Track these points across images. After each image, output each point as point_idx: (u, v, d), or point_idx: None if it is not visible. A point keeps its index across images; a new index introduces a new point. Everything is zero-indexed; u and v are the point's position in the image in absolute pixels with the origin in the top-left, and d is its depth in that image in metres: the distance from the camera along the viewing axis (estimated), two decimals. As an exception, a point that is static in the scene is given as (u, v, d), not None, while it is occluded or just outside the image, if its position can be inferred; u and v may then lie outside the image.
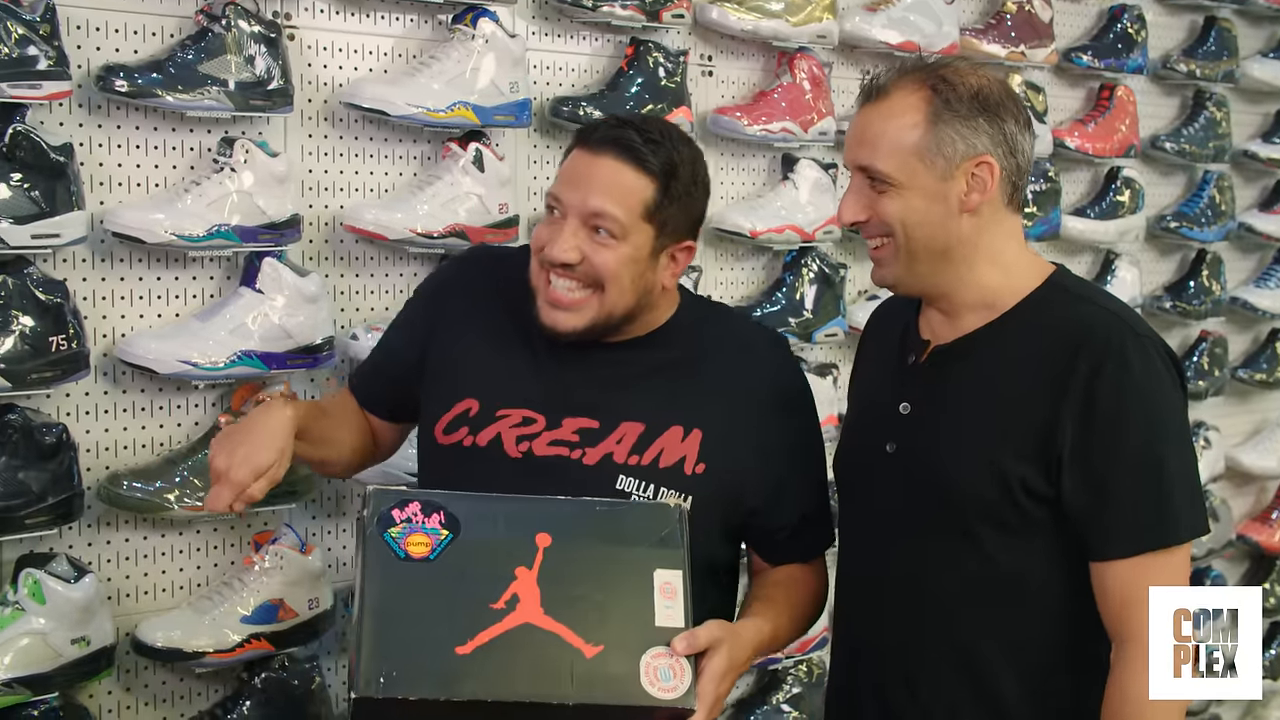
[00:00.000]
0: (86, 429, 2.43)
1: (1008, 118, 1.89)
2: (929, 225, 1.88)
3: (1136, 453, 1.80)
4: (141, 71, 2.38)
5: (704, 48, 3.24)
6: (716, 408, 2.07)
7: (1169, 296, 4.26)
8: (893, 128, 1.88)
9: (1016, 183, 1.92)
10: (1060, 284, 1.94)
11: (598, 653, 1.78)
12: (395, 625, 1.76)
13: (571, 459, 2.03)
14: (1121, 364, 1.80)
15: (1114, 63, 4.00)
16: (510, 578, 1.81)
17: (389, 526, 1.82)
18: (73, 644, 2.27)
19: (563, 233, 1.99)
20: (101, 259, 2.43)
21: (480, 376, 2.09)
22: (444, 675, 1.73)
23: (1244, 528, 4.56)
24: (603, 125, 2.06)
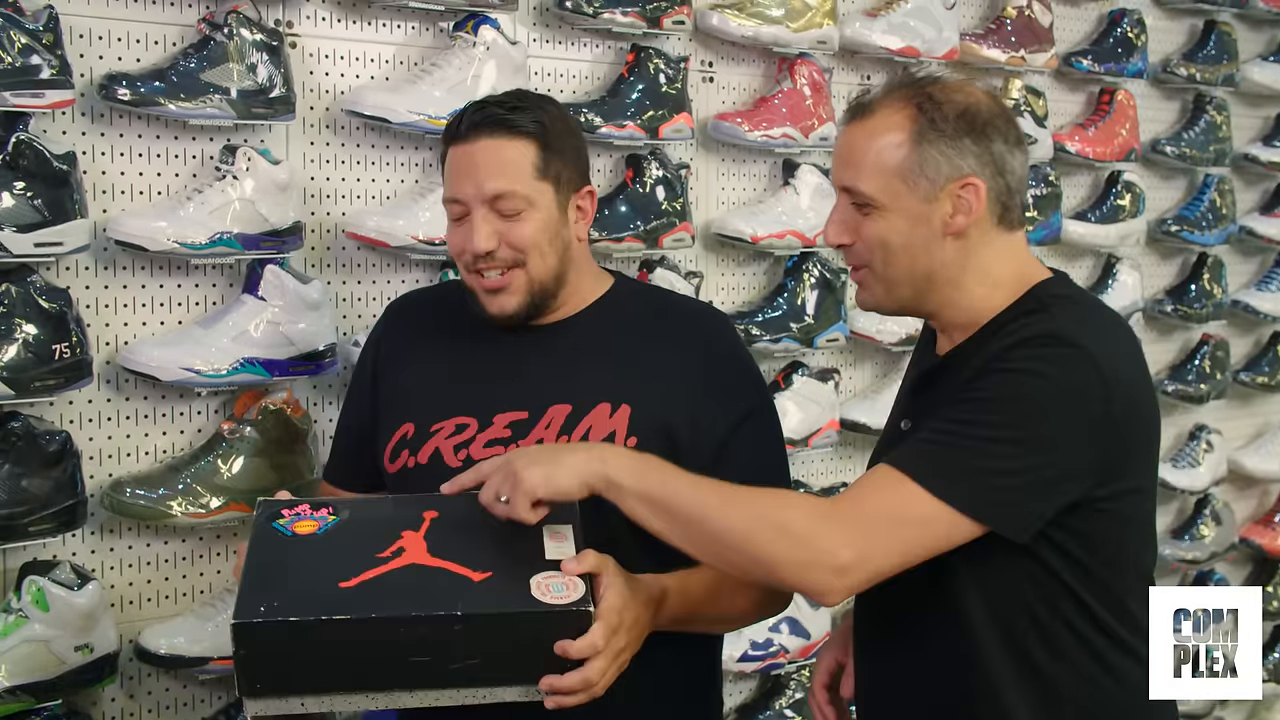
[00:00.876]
0: (89, 436, 2.43)
1: (996, 137, 1.83)
2: (911, 249, 1.84)
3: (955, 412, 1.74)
4: (144, 80, 2.38)
5: (705, 54, 3.25)
6: (646, 381, 2.06)
7: (1170, 300, 4.26)
8: (876, 147, 1.83)
9: (1007, 203, 1.86)
10: (1036, 294, 1.87)
11: (486, 577, 1.76)
12: (274, 576, 1.75)
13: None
14: (1015, 360, 1.74)
15: (1114, 67, 4.00)
16: (397, 537, 1.81)
17: (277, 519, 1.85)
18: (76, 651, 2.27)
19: (475, 225, 2.01)
20: (104, 267, 2.43)
21: (413, 400, 2.12)
22: (325, 600, 1.71)
23: (1246, 531, 4.56)
24: (464, 116, 2.05)
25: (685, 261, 3.17)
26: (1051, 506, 1.75)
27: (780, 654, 3.24)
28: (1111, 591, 1.85)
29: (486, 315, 2.07)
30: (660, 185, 3.04)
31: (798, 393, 3.27)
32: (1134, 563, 1.89)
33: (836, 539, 1.70)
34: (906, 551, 1.73)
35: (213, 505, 2.45)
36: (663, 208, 3.04)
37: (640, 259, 3.05)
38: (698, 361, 2.11)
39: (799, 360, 3.32)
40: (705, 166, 3.25)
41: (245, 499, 2.47)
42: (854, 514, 1.73)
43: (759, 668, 3.22)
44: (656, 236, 3.03)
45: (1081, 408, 1.74)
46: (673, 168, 3.07)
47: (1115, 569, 1.85)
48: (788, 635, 3.25)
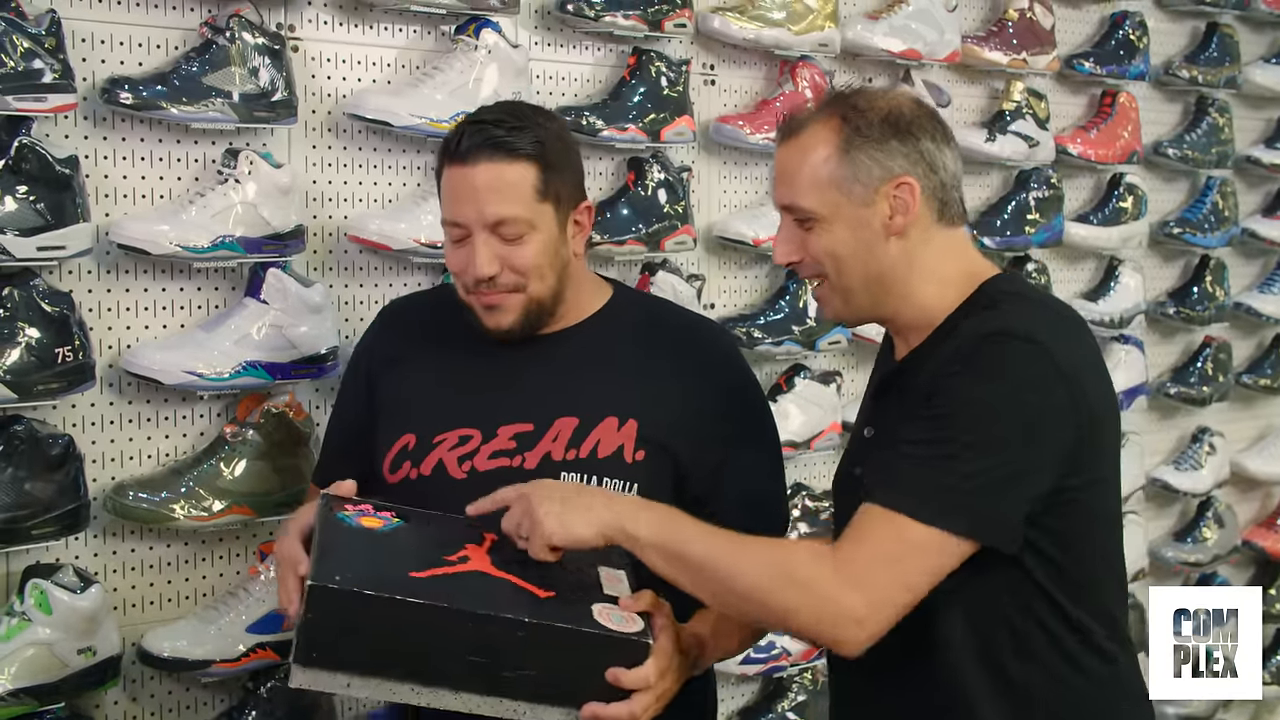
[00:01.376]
0: (92, 440, 2.43)
1: (922, 135, 1.86)
2: (859, 255, 1.86)
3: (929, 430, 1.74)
4: (146, 84, 2.39)
5: (706, 57, 3.25)
6: (651, 396, 2.08)
7: (1173, 302, 4.26)
8: (808, 162, 1.86)
9: (943, 198, 1.88)
10: (985, 291, 1.88)
11: (550, 595, 1.79)
12: (350, 552, 1.78)
13: (513, 467, 2.05)
14: (970, 360, 1.75)
15: (1116, 69, 4.00)
16: (462, 547, 1.85)
17: (341, 511, 1.88)
18: (79, 654, 2.27)
19: (476, 249, 2.01)
20: (107, 270, 2.44)
21: (414, 410, 2.12)
22: (400, 583, 1.74)
23: (1249, 533, 4.55)
24: (463, 135, 2.03)
25: (687, 264, 3.17)
26: (1026, 502, 1.75)
27: (782, 656, 3.24)
28: (1083, 589, 1.86)
29: (484, 330, 2.08)
30: (662, 188, 3.04)
31: (800, 395, 3.27)
32: (1103, 556, 1.90)
33: (845, 589, 1.71)
34: (912, 586, 1.73)
35: (215, 508, 2.45)
36: (664, 211, 3.04)
37: (642, 262, 3.06)
38: (701, 378, 2.13)
39: (801, 363, 3.32)
40: (707, 169, 3.25)
41: (248, 502, 2.48)
42: (855, 561, 1.73)
43: (761, 670, 3.22)
44: (658, 239, 3.04)
45: (1041, 401, 1.75)
46: (674, 171, 3.08)
47: (1087, 565, 1.86)
48: (789, 638, 3.24)
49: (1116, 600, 1.95)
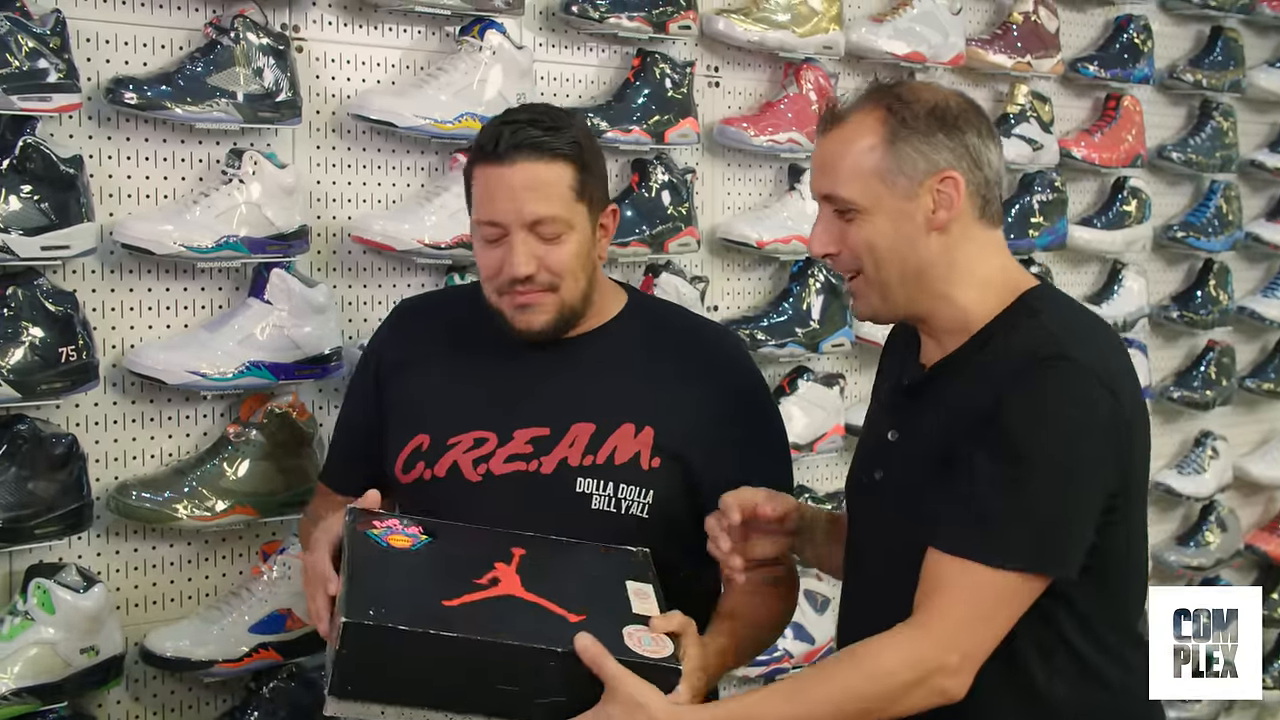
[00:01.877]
0: (96, 439, 2.43)
1: (968, 130, 1.84)
2: (899, 249, 1.84)
3: (999, 469, 1.73)
4: (151, 84, 2.39)
5: (710, 59, 3.25)
6: (667, 403, 2.09)
7: (1176, 306, 4.25)
8: (851, 152, 1.83)
9: (986, 196, 1.86)
10: (1026, 303, 1.86)
11: (581, 619, 1.80)
12: (381, 584, 1.78)
13: (529, 471, 2.05)
14: (1027, 386, 1.74)
15: (1120, 73, 4.00)
16: (491, 567, 1.85)
17: (370, 528, 1.87)
18: (82, 654, 2.27)
19: (514, 249, 2.00)
20: (111, 270, 2.44)
21: (427, 410, 2.12)
22: (434, 615, 1.74)
23: (1252, 538, 4.55)
24: (499, 135, 2.02)
25: (691, 266, 3.17)
26: (1091, 528, 1.77)
27: (785, 659, 3.23)
28: (1114, 599, 1.86)
29: (513, 332, 2.07)
30: (666, 190, 3.04)
31: (803, 398, 3.27)
32: (1135, 564, 1.90)
33: (942, 653, 1.73)
34: (999, 632, 1.76)
35: (218, 508, 2.45)
36: (668, 212, 3.04)
37: (646, 264, 3.05)
38: (714, 384, 2.14)
39: (804, 365, 3.32)
40: (711, 171, 3.25)
41: (251, 502, 2.48)
42: (946, 620, 1.74)
43: (764, 672, 3.22)
44: (662, 241, 3.03)
45: (1099, 425, 1.75)
46: (678, 172, 3.07)
47: (1123, 574, 1.87)
48: (792, 640, 3.25)
49: (1136, 607, 1.95)
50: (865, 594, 1.99)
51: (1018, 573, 1.73)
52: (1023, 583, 1.74)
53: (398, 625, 1.71)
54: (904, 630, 1.75)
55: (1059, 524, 1.75)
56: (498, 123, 2.06)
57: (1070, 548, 1.76)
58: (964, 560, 1.73)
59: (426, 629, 1.72)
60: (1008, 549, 1.73)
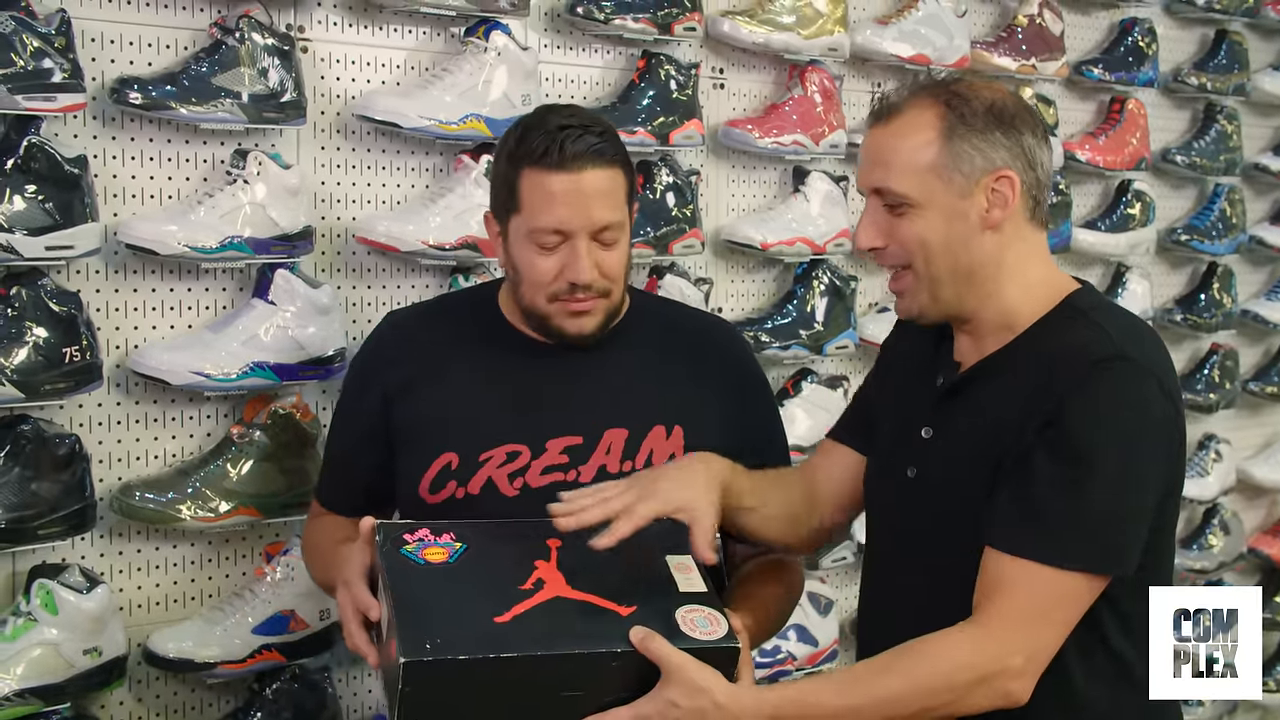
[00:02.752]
0: (99, 440, 2.43)
1: (1025, 130, 1.83)
2: (951, 246, 1.82)
3: (1060, 470, 1.73)
4: (155, 84, 2.38)
5: (715, 60, 3.24)
6: (690, 400, 2.09)
7: (1180, 309, 4.25)
8: (907, 146, 1.82)
9: (1038, 197, 1.86)
10: (1073, 303, 1.86)
11: (632, 611, 1.78)
12: (429, 610, 1.75)
13: (568, 481, 2.03)
14: (1087, 387, 1.74)
15: (1125, 76, 4.00)
16: (532, 568, 1.82)
17: (403, 545, 1.83)
18: (84, 654, 2.27)
19: (580, 256, 1.99)
20: (115, 270, 2.43)
21: (452, 427, 2.08)
22: (489, 637, 1.71)
23: (1254, 541, 4.55)
24: (559, 141, 1.98)
25: (695, 268, 3.17)
26: (1147, 525, 1.77)
27: (788, 661, 3.23)
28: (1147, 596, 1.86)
29: (560, 336, 2.05)
30: (670, 191, 3.04)
31: (807, 400, 3.27)
32: (1168, 561, 1.91)
33: (1006, 655, 1.73)
34: (1063, 632, 1.76)
35: (222, 509, 2.44)
36: (673, 214, 3.04)
37: (650, 265, 3.05)
38: (727, 381, 2.16)
39: (808, 367, 3.32)
40: (715, 173, 3.25)
41: (254, 503, 2.48)
42: (1008, 620, 1.73)
43: (767, 675, 3.21)
44: (666, 243, 3.03)
45: (1155, 425, 1.77)
46: (683, 174, 3.07)
47: (1161, 574, 1.87)
48: (795, 642, 3.24)
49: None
50: (898, 591, 1.97)
51: (1079, 573, 1.73)
52: (1084, 583, 1.74)
53: (457, 656, 1.69)
54: (966, 630, 1.75)
55: (1119, 524, 1.75)
56: (547, 127, 2.01)
57: (1129, 547, 1.76)
58: (1025, 561, 1.73)
59: (486, 654, 1.69)
60: (1069, 549, 1.73)
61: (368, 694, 2.75)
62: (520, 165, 2.01)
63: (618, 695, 1.74)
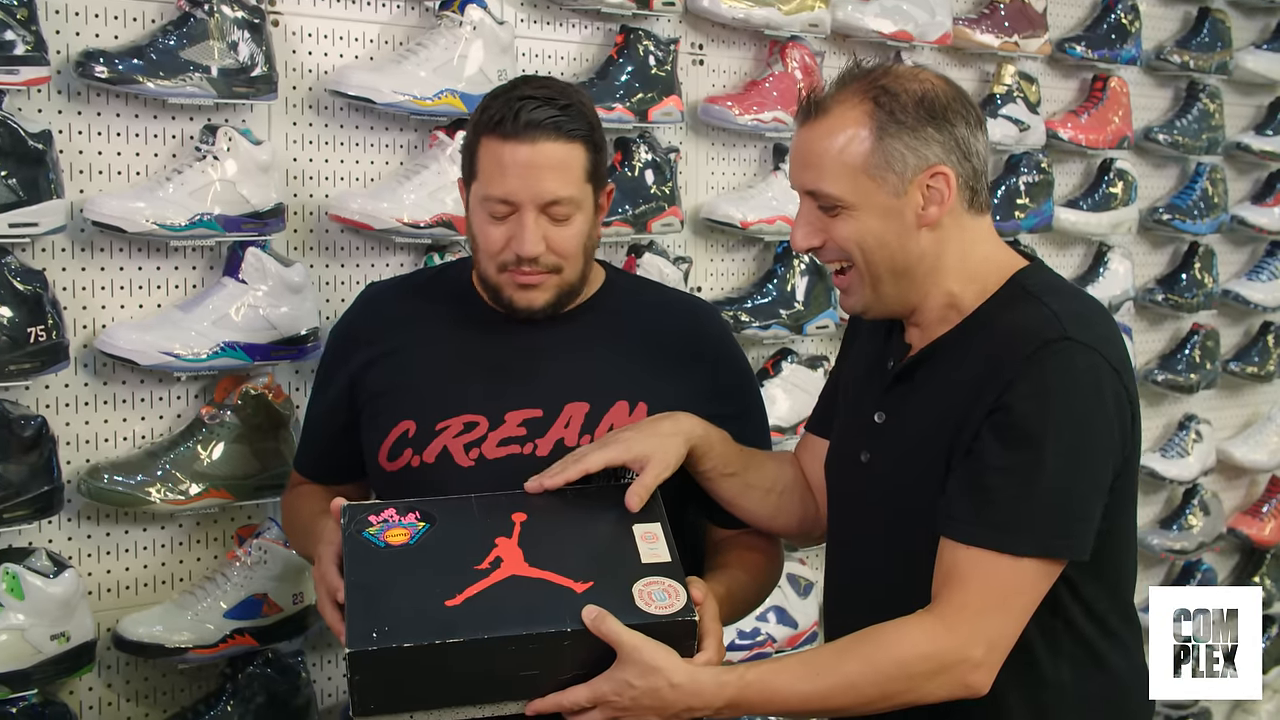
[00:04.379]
0: (66, 421, 2.39)
1: (957, 122, 1.80)
2: (888, 245, 1.80)
3: (1010, 455, 1.71)
4: (122, 57, 2.34)
5: (695, 36, 3.21)
6: (658, 378, 2.07)
7: (1161, 289, 4.24)
8: (837, 146, 1.78)
9: (975, 186, 1.83)
10: (1020, 283, 1.84)
11: (588, 587, 1.77)
12: (381, 594, 1.75)
13: (524, 454, 2.02)
14: (1033, 369, 1.72)
15: (1107, 53, 3.97)
16: (491, 545, 1.81)
17: (367, 528, 1.84)
18: (52, 640, 2.24)
19: (525, 229, 1.97)
20: (81, 248, 2.39)
21: (411, 396, 2.07)
22: (436, 623, 1.71)
23: (1234, 521, 4.55)
24: (516, 110, 1.96)
25: (674, 247, 3.13)
26: (1101, 507, 1.76)
27: (768, 643, 3.21)
28: (1113, 580, 1.87)
29: (511, 309, 2.04)
30: (649, 169, 3.00)
31: (787, 380, 3.24)
32: (1127, 540, 1.90)
33: (966, 645, 1.72)
34: (1022, 619, 1.75)
35: (192, 492, 2.42)
36: (651, 192, 3.01)
37: (629, 244, 3.02)
38: (700, 358, 2.13)
39: (788, 347, 3.29)
40: (695, 150, 3.22)
41: (225, 485, 2.45)
42: (966, 610, 1.72)
43: (745, 657, 3.19)
44: (645, 221, 3.00)
45: (1106, 405, 1.74)
46: (662, 151, 3.04)
47: (1121, 554, 1.87)
48: (775, 624, 3.23)
49: (1130, 586, 1.95)
50: (856, 575, 1.97)
51: (1034, 559, 1.72)
52: (1039, 569, 1.73)
53: (403, 644, 1.69)
54: (925, 620, 1.73)
55: (1072, 507, 1.73)
56: (510, 96, 2.00)
57: (1083, 531, 1.74)
58: (979, 550, 1.72)
59: (432, 640, 1.69)
60: (1021, 537, 1.71)
61: (342, 678, 2.72)
62: (479, 132, 2.01)
63: (576, 672, 1.74)
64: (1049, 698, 1.82)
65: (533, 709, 1.75)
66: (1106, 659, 1.86)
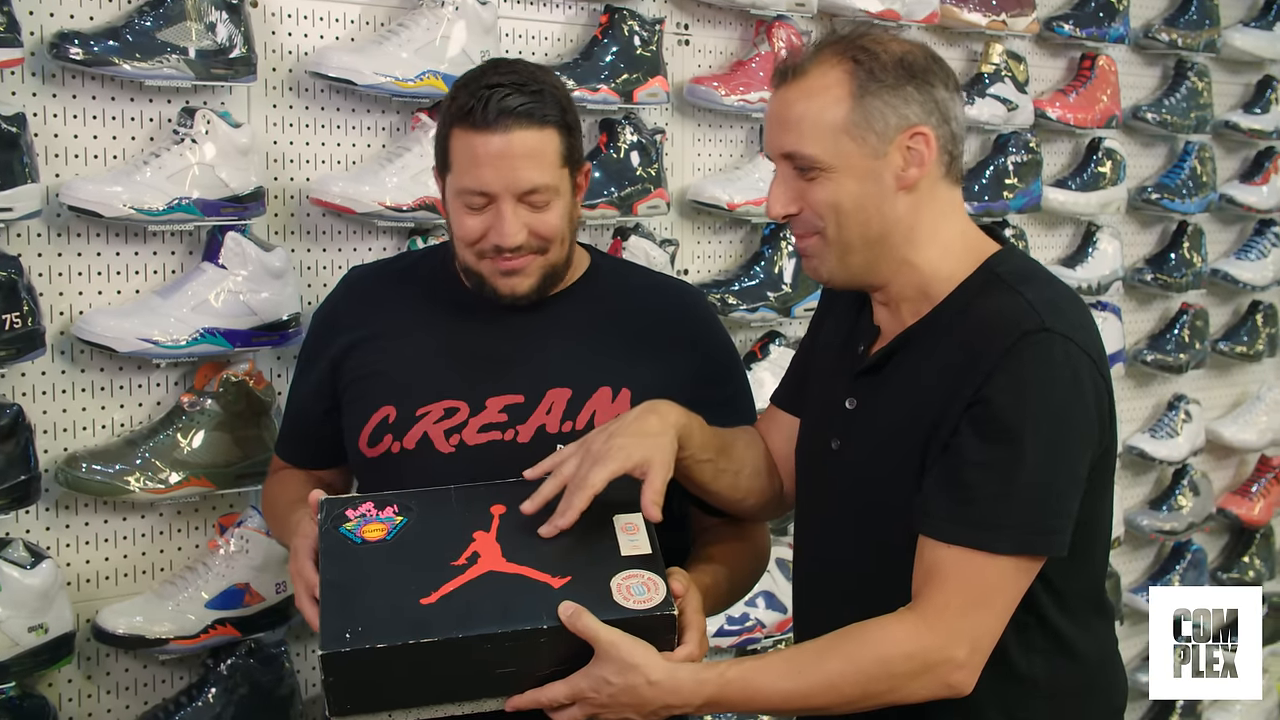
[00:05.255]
0: (43, 409, 2.36)
1: (937, 83, 1.77)
2: (865, 209, 1.76)
3: (989, 451, 1.69)
4: (97, 39, 2.30)
5: (680, 16, 3.18)
6: (642, 363, 2.05)
7: (1150, 269, 4.22)
8: (815, 106, 1.74)
9: (952, 152, 1.80)
10: (992, 269, 1.81)
11: (566, 582, 1.74)
12: (356, 593, 1.73)
13: (505, 440, 2.00)
14: (1011, 362, 1.69)
15: (1095, 32, 3.95)
16: (469, 540, 1.79)
17: (344, 523, 1.82)
18: (30, 632, 2.22)
19: (503, 218, 1.94)
20: (57, 233, 2.36)
21: (392, 381, 2.05)
22: (410, 622, 1.69)
23: (1224, 501, 4.56)
24: (485, 99, 1.92)
25: (660, 229, 3.11)
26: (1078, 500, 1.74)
27: (757, 629, 3.20)
28: (1085, 571, 1.85)
29: (495, 295, 2.02)
30: (635, 150, 2.97)
31: (775, 363, 3.22)
32: (1101, 529, 1.88)
33: (948, 645, 1.70)
34: (1004, 617, 1.73)
35: (172, 480, 2.39)
36: (637, 174, 2.98)
37: (614, 226, 2.99)
38: (686, 343, 2.11)
39: (776, 330, 3.27)
40: (680, 132, 3.19)
41: (206, 474, 2.43)
42: (947, 611, 1.70)
43: (735, 643, 3.18)
44: (631, 203, 2.97)
45: (1085, 397, 1.72)
46: (647, 133, 3.01)
47: (1093, 545, 1.85)
48: (764, 610, 3.21)
49: (1101, 576, 1.94)
50: (826, 565, 1.95)
51: (1015, 556, 1.70)
52: (1021, 566, 1.71)
53: (376, 644, 1.67)
54: (908, 619, 1.71)
55: (1052, 503, 1.71)
56: (478, 85, 1.96)
57: (1064, 526, 1.72)
58: (959, 548, 1.70)
59: (405, 640, 1.67)
60: (1003, 534, 1.69)
61: (327, 667, 2.69)
62: (450, 123, 1.98)
63: (555, 668, 1.71)
64: (1021, 689, 1.81)
65: (512, 705, 1.73)
66: (1079, 649, 1.85)
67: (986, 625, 1.71)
